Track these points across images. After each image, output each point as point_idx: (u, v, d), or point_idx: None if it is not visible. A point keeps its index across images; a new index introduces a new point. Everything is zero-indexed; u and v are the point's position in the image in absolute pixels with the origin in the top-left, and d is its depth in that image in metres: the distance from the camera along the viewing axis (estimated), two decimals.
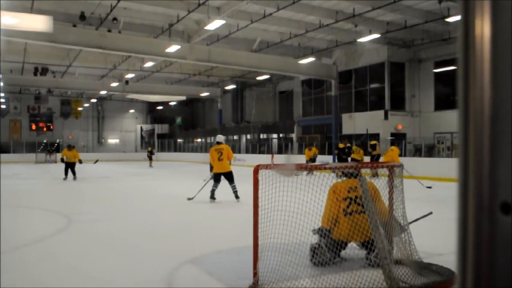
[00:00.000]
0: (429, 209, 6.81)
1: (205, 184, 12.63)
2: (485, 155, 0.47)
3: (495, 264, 0.48)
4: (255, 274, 4.99)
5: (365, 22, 22.46)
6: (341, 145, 18.81)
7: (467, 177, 0.49)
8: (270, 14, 21.26)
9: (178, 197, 13.24)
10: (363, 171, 6.02)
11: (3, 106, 50.37)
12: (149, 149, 35.56)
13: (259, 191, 5.03)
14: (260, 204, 5.02)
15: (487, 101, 0.47)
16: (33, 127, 52.59)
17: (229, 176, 12.12)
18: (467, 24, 0.48)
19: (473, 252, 0.49)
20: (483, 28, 0.47)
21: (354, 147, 22.49)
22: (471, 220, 0.49)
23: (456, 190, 0.52)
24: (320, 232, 5.84)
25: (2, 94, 45.44)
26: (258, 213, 4.98)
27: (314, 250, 5.72)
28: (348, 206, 5.76)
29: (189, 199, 12.32)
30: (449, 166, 17.28)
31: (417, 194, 12.97)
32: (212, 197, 11.95)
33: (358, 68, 29.64)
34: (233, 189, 12.02)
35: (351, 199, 5.79)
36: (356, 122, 29.18)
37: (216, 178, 12.13)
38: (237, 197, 11.94)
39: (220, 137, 12.90)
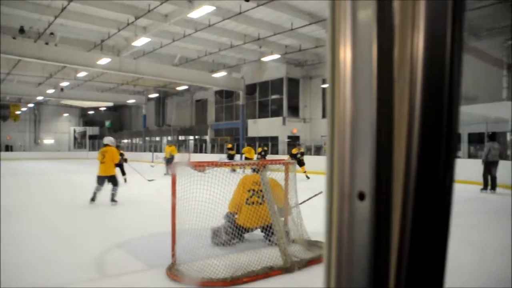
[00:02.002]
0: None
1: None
2: (347, 153, 0.50)
3: (353, 241, 0.50)
4: (173, 255, 4.96)
5: (268, 44, 22.85)
6: (294, 151, 17.76)
7: (333, 170, 0.51)
8: (189, 34, 21.10)
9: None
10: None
11: None
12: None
13: (177, 185, 4.99)
14: (177, 196, 4.98)
15: (348, 110, 0.49)
16: None
17: (112, 180, 10.18)
18: (333, 49, 0.50)
19: (337, 232, 0.51)
20: (346, 53, 0.49)
21: (246, 148, 22.60)
22: (335, 206, 0.51)
23: (325, 181, 0.55)
24: (227, 217, 5.89)
25: None
26: (176, 203, 4.95)
27: (214, 233, 5.76)
28: (250, 197, 5.82)
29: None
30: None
31: (305, 184, 13.29)
32: (93, 199, 10.03)
33: (262, 82, 30.07)
34: (111, 191, 10.14)
35: (254, 191, 5.85)
36: (260, 127, 29.57)
37: (99, 181, 10.12)
38: (112, 200, 10.09)
39: (107, 139, 10.63)
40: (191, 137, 39.53)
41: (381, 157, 0.46)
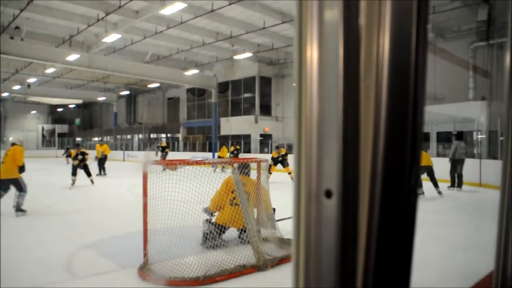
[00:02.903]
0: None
1: None
2: (314, 152, 0.50)
3: (321, 238, 0.50)
4: (145, 254, 4.92)
5: (240, 42, 22.85)
6: (274, 154, 16.27)
7: (300, 169, 0.51)
8: (161, 31, 20.94)
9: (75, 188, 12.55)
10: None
11: None
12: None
13: (148, 183, 4.93)
14: (148, 195, 4.93)
15: (315, 109, 0.49)
16: None
17: (15, 184, 8.58)
18: (300, 49, 0.50)
19: (305, 230, 0.52)
20: (312, 53, 0.49)
21: (223, 147, 22.45)
22: (303, 204, 0.52)
23: (293, 179, 0.55)
24: (206, 211, 5.84)
25: None
26: (147, 202, 4.90)
27: (206, 236, 5.70)
28: (234, 198, 5.76)
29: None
30: None
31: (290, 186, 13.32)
32: None
33: (234, 80, 30.05)
34: (17, 198, 8.55)
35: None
36: (232, 125, 29.57)
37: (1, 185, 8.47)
38: (18, 210, 8.54)
39: (15, 138, 8.44)
40: (163, 135, 39.20)
41: (347, 156, 0.47)
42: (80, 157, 13.97)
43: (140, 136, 41.13)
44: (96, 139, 47.05)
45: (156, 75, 28.23)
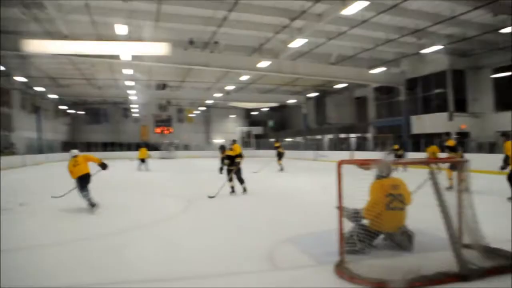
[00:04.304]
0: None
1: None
2: None
3: None
4: (342, 253, 4.89)
5: (428, 35, 21.60)
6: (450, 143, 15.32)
7: None
8: (344, 32, 21.12)
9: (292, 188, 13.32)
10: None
11: (137, 115, 54.00)
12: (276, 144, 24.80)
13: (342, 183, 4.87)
14: (343, 194, 4.89)
15: None
16: (157, 130, 55.46)
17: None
18: None
19: None
20: None
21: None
22: None
23: None
24: (354, 218, 5.60)
25: (136, 105, 48.60)
26: (342, 201, 4.88)
27: (347, 240, 5.31)
28: (391, 202, 5.56)
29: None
30: None
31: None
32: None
33: (423, 75, 28.52)
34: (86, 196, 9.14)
35: (393, 196, 5.56)
36: (424, 123, 28.16)
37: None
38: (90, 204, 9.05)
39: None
40: (352, 135, 39.24)
41: None
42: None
43: (330, 136, 41.87)
44: (288, 139, 49.48)
45: (342, 75, 28.60)
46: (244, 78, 31.60)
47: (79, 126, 52.82)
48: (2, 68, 26.40)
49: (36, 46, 17.92)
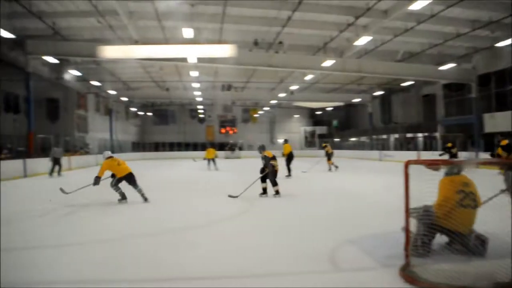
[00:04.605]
0: None
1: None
2: None
3: None
4: (407, 256, 4.70)
5: (503, 27, 20.57)
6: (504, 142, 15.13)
7: None
8: (411, 28, 20.59)
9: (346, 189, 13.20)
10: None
11: (202, 116, 55.53)
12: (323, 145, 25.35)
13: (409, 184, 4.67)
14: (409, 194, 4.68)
15: None
16: (222, 130, 56.55)
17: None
18: None
19: None
20: None
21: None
22: None
23: None
24: (422, 217, 5.30)
25: (201, 106, 49.87)
26: (409, 202, 4.66)
27: (414, 243, 5.08)
28: (463, 199, 5.38)
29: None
30: None
31: None
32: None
33: (497, 70, 27.15)
34: (140, 191, 10.39)
35: (465, 193, 5.38)
36: (498, 121, 26.83)
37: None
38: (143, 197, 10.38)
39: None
40: (420, 134, 38.09)
41: None
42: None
43: (396, 135, 40.89)
44: (353, 139, 48.83)
45: (409, 73, 27.91)
46: (309, 77, 31.55)
47: (148, 127, 54.96)
48: (79, 73, 28.07)
49: (110, 52, 18.91)
